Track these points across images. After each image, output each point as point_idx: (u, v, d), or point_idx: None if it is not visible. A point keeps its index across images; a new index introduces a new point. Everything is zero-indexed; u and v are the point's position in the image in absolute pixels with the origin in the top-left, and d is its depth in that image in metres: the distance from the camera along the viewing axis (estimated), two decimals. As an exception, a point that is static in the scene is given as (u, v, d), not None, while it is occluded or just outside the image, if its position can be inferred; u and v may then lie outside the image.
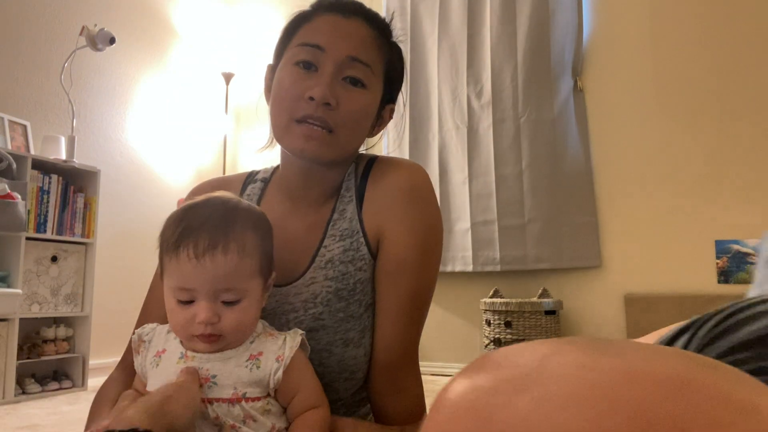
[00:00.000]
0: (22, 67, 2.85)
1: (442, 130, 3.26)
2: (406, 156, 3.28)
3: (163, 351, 0.69)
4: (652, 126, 2.92)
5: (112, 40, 2.86)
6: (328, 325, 0.76)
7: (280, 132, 0.78)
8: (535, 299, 2.79)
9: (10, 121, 2.70)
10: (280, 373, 0.66)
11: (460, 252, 3.15)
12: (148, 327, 0.73)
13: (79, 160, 2.84)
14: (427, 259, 0.79)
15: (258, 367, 0.66)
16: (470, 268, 3.09)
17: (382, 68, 0.81)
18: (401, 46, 0.86)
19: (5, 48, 2.78)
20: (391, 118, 0.87)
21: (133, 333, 0.74)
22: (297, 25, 0.80)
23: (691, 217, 2.79)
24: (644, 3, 2.99)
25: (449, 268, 3.16)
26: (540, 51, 3.09)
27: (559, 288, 3.00)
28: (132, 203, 3.31)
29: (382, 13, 0.84)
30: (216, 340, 0.65)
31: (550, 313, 2.75)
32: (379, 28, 0.81)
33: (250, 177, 0.91)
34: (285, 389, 0.67)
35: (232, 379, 0.65)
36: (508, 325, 2.75)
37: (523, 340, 2.69)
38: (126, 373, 0.79)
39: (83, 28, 2.83)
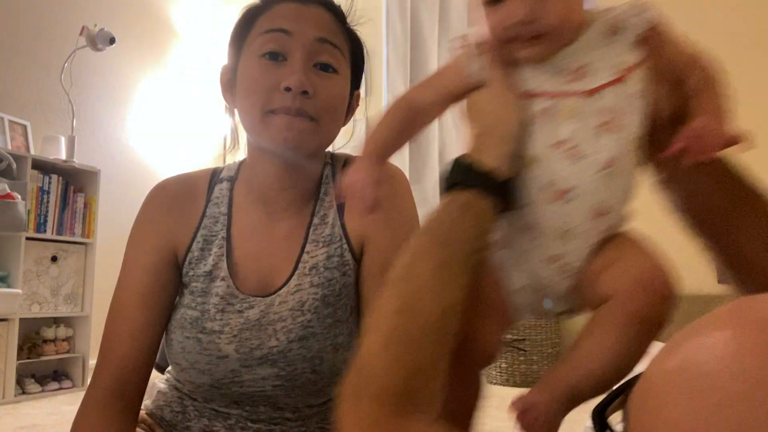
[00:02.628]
0: (22, 67, 2.85)
1: (442, 130, 3.26)
2: (406, 156, 3.28)
3: None
4: (652, 126, 2.92)
5: (112, 40, 2.87)
6: (318, 332, 0.76)
7: (255, 126, 0.73)
8: (535, 299, 2.79)
9: (10, 121, 2.70)
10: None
11: (460, 252, 3.14)
12: None
13: (79, 160, 2.84)
14: None
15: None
16: (470, 268, 3.09)
17: (349, 54, 0.79)
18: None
19: (5, 48, 2.78)
20: (358, 105, 0.84)
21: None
22: (252, 18, 0.76)
23: (691, 217, 2.79)
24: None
25: (449, 268, 3.15)
26: (540, 51, 3.09)
27: (559, 288, 2.99)
28: (132, 203, 3.26)
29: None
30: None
31: (550, 313, 2.75)
32: (338, 15, 0.79)
33: (215, 176, 0.87)
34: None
35: (606, 60, 0.51)
36: (508, 325, 2.75)
37: (523, 340, 2.69)
38: (107, 408, 0.73)
39: (83, 28, 2.84)
